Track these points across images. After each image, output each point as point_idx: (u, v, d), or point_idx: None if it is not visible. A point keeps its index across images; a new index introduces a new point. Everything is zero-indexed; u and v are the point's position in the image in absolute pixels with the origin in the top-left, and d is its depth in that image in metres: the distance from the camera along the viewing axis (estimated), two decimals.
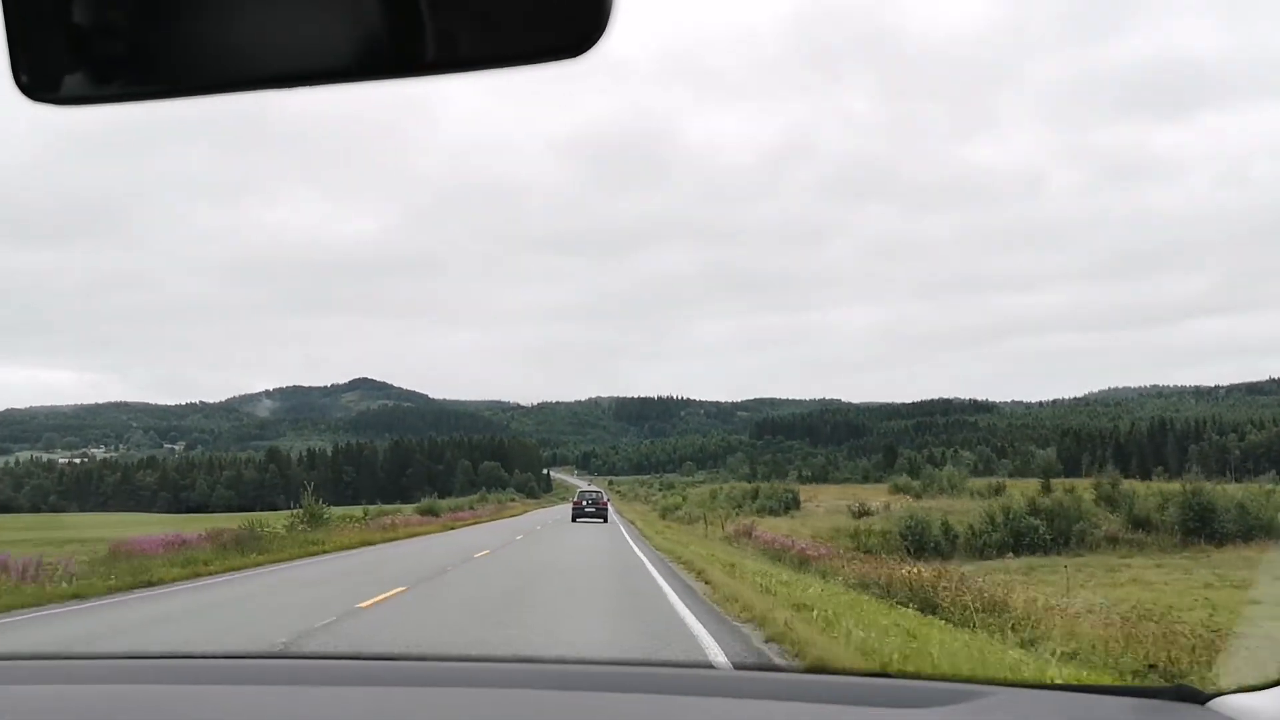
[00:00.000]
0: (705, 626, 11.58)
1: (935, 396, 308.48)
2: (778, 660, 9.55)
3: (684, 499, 60.44)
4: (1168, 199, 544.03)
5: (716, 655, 9.61)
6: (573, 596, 15.49)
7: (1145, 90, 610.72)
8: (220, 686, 2.21)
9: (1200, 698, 1.90)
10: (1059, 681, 5.35)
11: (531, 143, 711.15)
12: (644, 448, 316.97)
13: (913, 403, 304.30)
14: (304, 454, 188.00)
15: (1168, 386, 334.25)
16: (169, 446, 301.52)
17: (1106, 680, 8.31)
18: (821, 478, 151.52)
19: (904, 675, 3.34)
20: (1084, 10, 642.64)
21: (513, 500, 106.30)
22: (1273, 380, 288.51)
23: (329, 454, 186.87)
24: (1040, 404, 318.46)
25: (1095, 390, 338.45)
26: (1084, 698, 2.13)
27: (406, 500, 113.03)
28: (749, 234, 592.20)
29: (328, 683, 2.28)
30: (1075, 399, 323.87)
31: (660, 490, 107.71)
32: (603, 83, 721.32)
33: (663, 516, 56.42)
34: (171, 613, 14.04)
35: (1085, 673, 9.12)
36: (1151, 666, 9.65)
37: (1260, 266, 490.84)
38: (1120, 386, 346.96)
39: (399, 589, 16.18)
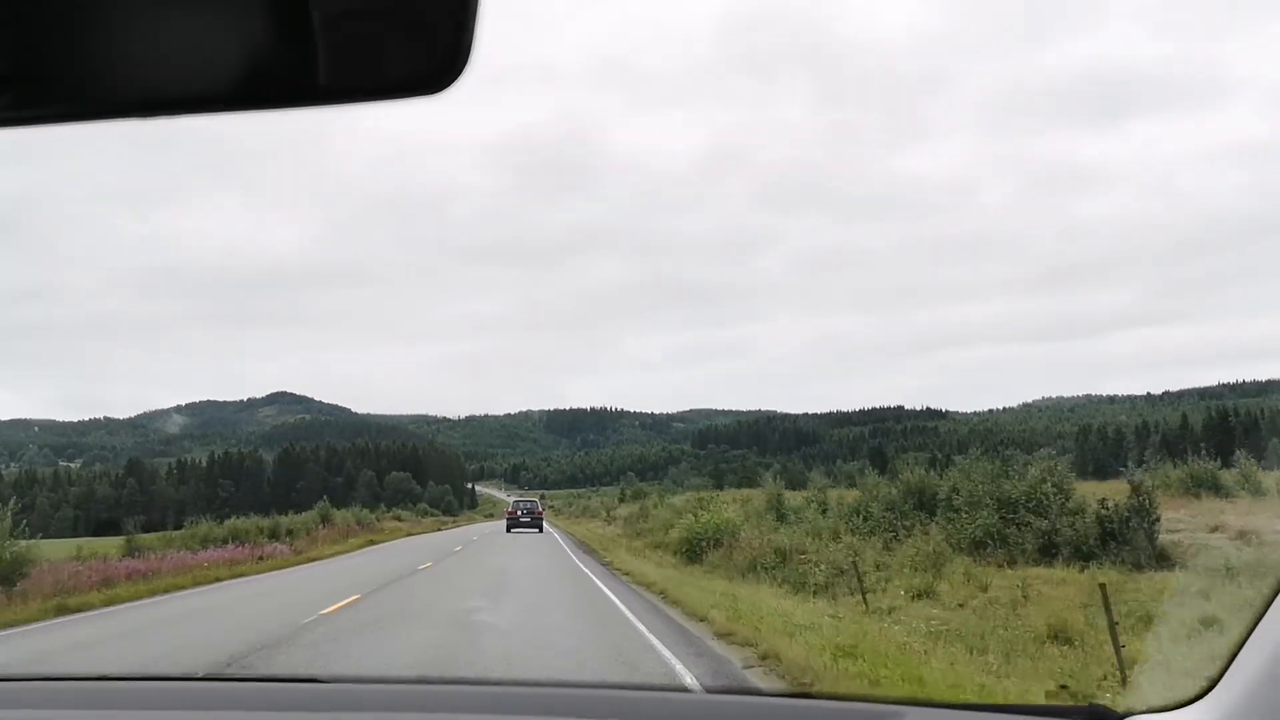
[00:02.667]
0: None
1: (885, 404, 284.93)
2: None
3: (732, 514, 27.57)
4: (1097, 210, 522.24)
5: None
6: None
7: (1075, 100, 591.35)
8: (151, 712, 2.03)
9: (1112, 717, 1.87)
10: (974, 701, 5.83)
11: (458, 149, 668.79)
12: (578, 459, 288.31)
13: (864, 410, 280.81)
14: (172, 466, 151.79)
15: (1101, 395, 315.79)
16: (65, 464, 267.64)
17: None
18: (800, 484, 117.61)
19: (827, 696, 3.14)
20: (1016, 20, 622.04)
21: (398, 520, 71.48)
22: (1224, 385, 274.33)
23: (203, 465, 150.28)
24: (988, 411, 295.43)
25: (1029, 400, 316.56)
26: (997, 717, 2.12)
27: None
28: (682, 244, 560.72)
29: (271, 708, 2.08)
30: (1012, 408, 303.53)
31: (624, 502, 71.87)
32: (531, 87, 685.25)
33: (689, 557, 23.61)
34: None
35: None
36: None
37: (1187, 277, 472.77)
38: (1054, 396, 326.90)
39: None
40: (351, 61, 1.00)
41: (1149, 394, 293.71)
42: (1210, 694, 1.64)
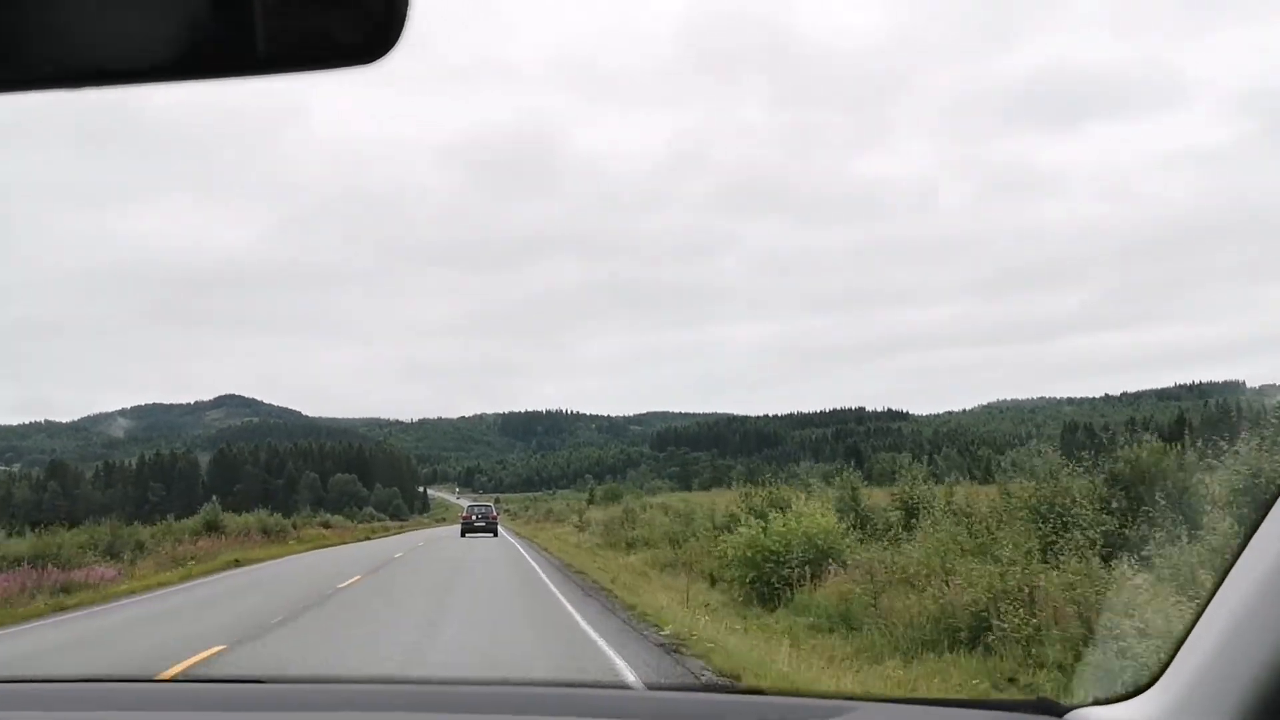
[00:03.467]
0: None
1: (846, 405, 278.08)
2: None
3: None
4: (1053, 213, 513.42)
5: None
6: None
7: (1033, 103, 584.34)
8: (91, 713, 2.03)
9: (1058, 710, 1.86)
10: (922, 696, 5.40)
11: (415, 149, 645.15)
12: (534, 462, 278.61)
13: (825, 411, 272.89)
14: (99, 468, 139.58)
15: (1055, 398, 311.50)
16: (2, 468, 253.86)
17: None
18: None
19: (779, 693, 3.13)
20: (977, 21, 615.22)
21: (324, 527, 59.93)
22: (1180, 386, 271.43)
23: (132, 467, 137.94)
24: (946, 414, 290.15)
25: (984, 402, 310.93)
26: (945, 711, 2.13)
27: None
28: (639, 246, 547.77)
29: (208, 709, 2.11)
30: (970, 410, 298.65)
31: (594, 503, 59.65)
32: (491, 86, 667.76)
33: (761, 598, 13.19)
34: None
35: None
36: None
37: (1141, 281, 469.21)
38: (1009, 399, 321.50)
39: None
40: (286, 31, 0.99)
41: (1106, 395, 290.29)
42: (1155, 686, 1.63)
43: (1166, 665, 1.61)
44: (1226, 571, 1.52)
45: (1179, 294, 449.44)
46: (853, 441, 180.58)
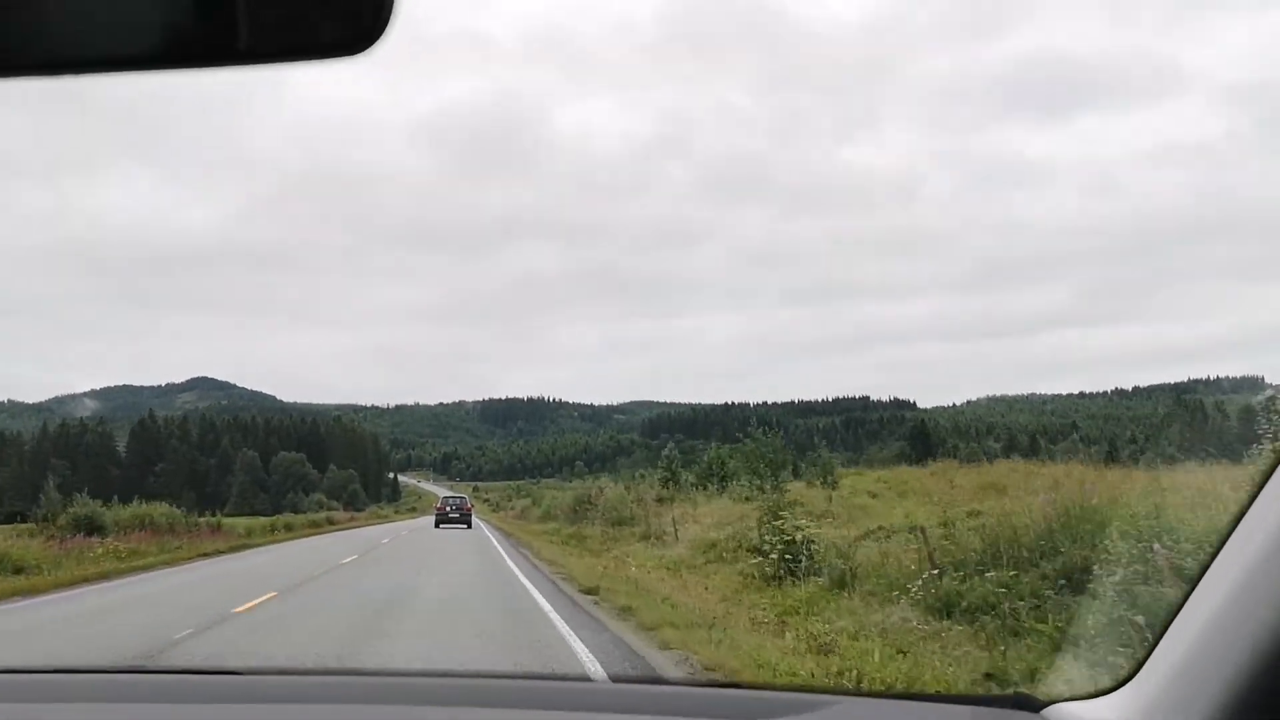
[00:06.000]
0: None
1: (850, 395, 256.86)
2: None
3: None
4: (1037, 207, 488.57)
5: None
6: None
7: (1023, 93, 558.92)
8: (64, 705, 1.96)
9: (1035, 705, 1.83)
10: (900, 690, 5.32)
11: (389, 127, 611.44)
12: (515, 450, 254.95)
13: (829, 400, 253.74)
14: None
15: (1048, 395, 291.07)
16: None
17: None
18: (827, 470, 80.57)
19: (754, 686, 3.11)
20: (967, 6, 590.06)
21: (91, 533, 30.24)
22: (1195, 380, 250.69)
23: (35, 441, 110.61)
24: (952, 406, 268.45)
25: (975, 397, 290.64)
26: (923, 706, 2.11)
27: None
28: (621, 233, 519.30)
29: (179, 700, 2.07)
30: (972, 402, 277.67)
31: (678, 486, 29.28)
32: (467, 63, 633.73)
33: None
34: None
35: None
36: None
37: (1125, 278, 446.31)
38: (997, 395, 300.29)
39: None
40: (271, 22, 0.95)
41: (1118, 389, 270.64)
42: (1132, 682, 1.59)
43: (1144, 661, 1.55)
44: (1206, 567, 1.46)
45: (1170, 289, 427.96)
46: (921, 423, 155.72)
